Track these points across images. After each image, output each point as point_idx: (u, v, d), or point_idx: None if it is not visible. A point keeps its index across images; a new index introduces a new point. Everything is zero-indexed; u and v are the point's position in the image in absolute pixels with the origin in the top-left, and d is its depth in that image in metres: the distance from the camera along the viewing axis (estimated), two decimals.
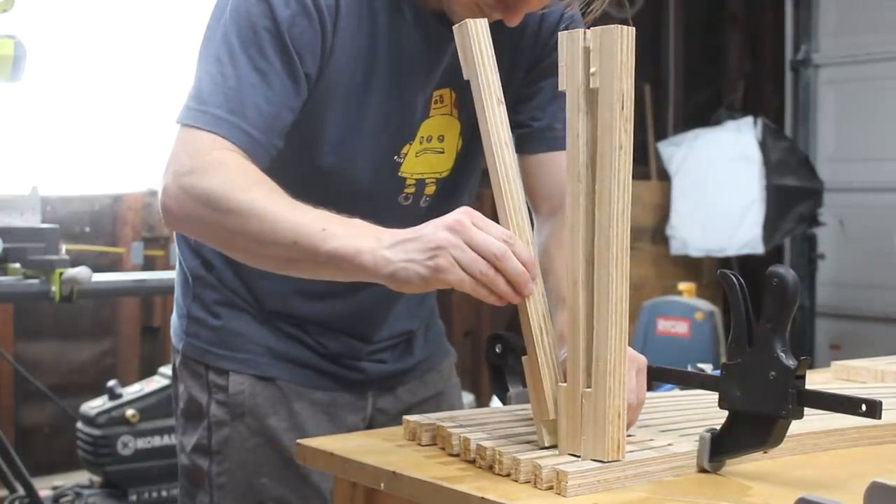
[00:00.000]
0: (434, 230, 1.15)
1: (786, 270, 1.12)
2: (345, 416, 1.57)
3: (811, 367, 1.23)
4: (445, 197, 1.53)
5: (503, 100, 1.22)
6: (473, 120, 1.48)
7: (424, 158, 1.48)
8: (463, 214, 1.15)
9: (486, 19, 1.23)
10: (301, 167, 1.40)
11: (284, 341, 1.54)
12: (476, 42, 1.22)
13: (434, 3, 1.40)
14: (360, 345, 1.58)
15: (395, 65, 1.40)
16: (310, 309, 1.53)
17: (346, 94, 1.39)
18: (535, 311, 1.19)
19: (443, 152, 1.49)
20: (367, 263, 1.17)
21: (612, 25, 1.13)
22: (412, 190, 1.49)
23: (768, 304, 1.13)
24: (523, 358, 1.22)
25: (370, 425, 1.59)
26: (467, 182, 1.57)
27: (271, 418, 1.51)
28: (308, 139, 1.40)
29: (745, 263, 5.43)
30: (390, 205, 1.47)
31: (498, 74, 1.23)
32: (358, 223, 1.22)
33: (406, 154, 1.46)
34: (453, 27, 1.24)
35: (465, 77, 1.23)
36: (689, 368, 1.55)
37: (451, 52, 1.43)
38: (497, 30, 1.42)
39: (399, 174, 1.47)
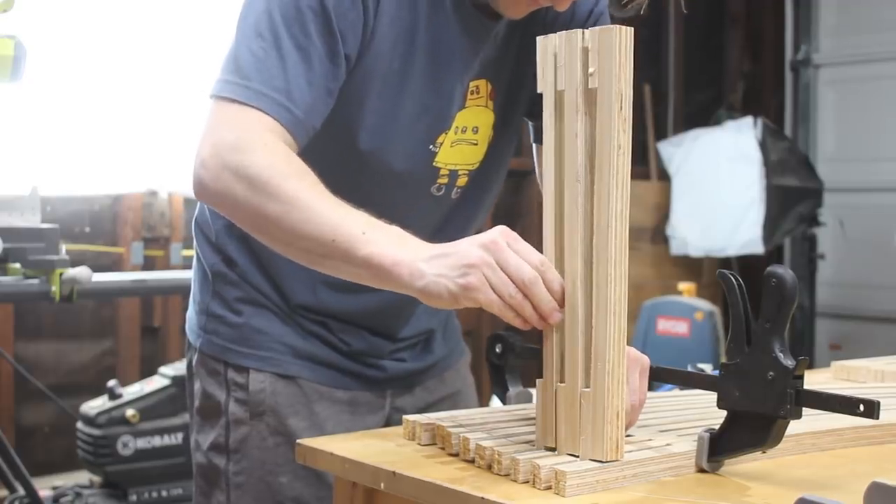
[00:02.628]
0: (469, 247, 1.15)
1: (784, 270, 1.12)
2: (364, 416, 1.56)
3: (811, 367, 1.23)
4: (475, 189, 1.53)
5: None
6: (505, 112, 1.49)
7: (458, 149, 1.47)
8: (499, 234, 1.15)
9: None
10: (339, 152, 1.39)
11: (307, 339, 1.52)
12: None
13: None
14: (384, 342, 1.57)
15: (432, 53, 1.38)
16: (336, 301, 1.52)
17: (383, 79, 1.37)
18: (559, 339, 1.19)
19: (476, 144, 1.49)
20: (402, 275, 1.17)
21: (611, 26, 1.14)
22: (445, 181, 1.48)
23: (766, 303, 1.13)
24: (538, 381, 1.21)
25: (388, 424, 1.58)
26: (496, 176, 1.57)
27: (291, 418, 1.50)
28: (346, 123, 1.39)
29: (745, 263, 5.43)
30: (423, 194, 1.47)
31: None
32: (397, 231, 1.21)
33: (442, 144, 1.45)
34: (537, 38, 1.21)
35: (539, 90, 1.20)
36: (690, 368, 1.55)
37: (488, 43, 1.43)
38: (530, 20, 1.42)
39: (434, 164, 1.45)
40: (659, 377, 1.31)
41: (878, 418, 1.09)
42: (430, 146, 1.44)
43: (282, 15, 1.28)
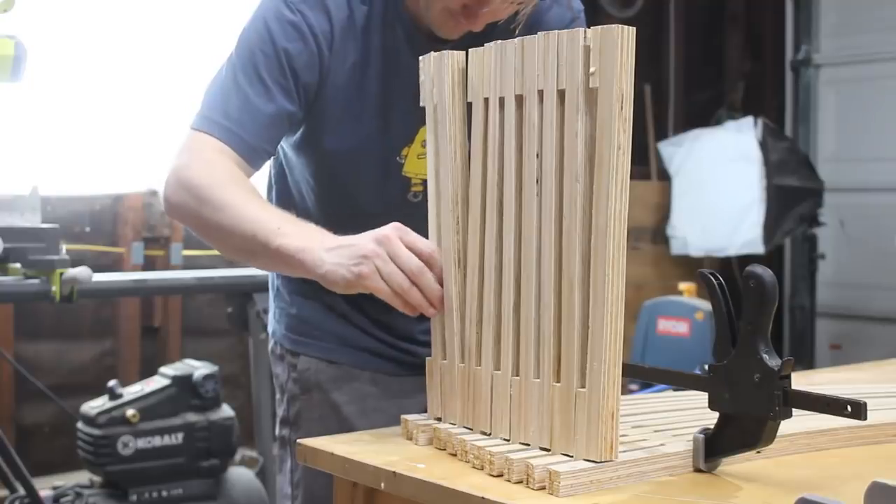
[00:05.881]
0: (364, 241, 1.32)
1: (763, 270, 1.12)
2: (408, 396, 1.65)
3: (810, 367, 1.23)
4: None
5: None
6: None
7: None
8: (392, 230, 1.32)
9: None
10: (319, 174, 1.61)
11: (349, 328, 1.68)
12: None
13: (426, 21, 1.54)
14: (418, 325, 1.65)
15: (386, 78, 1.55)
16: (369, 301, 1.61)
17: (345, 105, 1.55)
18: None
19: None
20: (306, 261, 1.35)
21: (613, 25, 1.14)
22: (420, 188, 1.61)
23: (747, 305, 1.12)
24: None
25: None
26: None
27: (334, 392, 1.67)
28: (320, 150, 1.59)
29: (746, 263, 5.40)
30: (401, 201, 1.61)
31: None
32: (309, 226, 1.40)
33: (406, 156, 1.60)
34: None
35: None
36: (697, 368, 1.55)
37: None
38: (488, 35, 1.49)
39: (403, 174, 1.60)
40: (652, 377, 1.31)
41: (865, 419, 1.09)
42: (397, 158, 1.59)
43: (240, 60, 1.53)
